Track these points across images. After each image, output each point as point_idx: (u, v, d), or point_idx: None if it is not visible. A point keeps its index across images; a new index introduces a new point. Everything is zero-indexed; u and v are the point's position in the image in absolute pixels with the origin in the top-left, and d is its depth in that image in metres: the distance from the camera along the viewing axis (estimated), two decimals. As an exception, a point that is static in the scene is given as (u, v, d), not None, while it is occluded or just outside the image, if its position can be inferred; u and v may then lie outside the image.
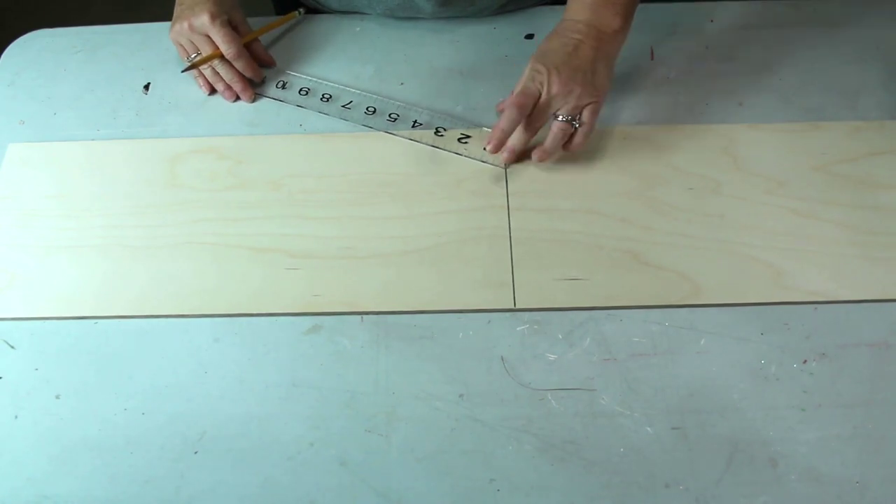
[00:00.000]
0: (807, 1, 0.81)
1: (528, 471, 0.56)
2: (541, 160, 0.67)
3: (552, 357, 0.60)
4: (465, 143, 0.71)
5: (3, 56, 0.80)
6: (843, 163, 0.70)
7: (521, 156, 0.69)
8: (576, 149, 0.67)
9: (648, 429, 0.57)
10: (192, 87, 0.76)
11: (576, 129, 0.66)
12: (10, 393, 0.60)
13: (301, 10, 0.81)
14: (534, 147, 0.68)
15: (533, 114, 0.65)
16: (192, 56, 0.74)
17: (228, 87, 0.75)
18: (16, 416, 0.59)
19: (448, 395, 0.59)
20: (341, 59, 0.79)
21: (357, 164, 0.70)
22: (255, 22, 0.79)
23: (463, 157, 0.70)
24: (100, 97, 0.76)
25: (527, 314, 0.62)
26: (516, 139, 0.67)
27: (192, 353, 0.61)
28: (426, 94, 0.75)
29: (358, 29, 0.81)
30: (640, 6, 0.69)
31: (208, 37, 0.73)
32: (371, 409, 0.58)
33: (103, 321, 0.63)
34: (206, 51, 0.73)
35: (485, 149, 0.67)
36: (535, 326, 0.62)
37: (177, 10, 0.75)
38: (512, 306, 0.62)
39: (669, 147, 0.71)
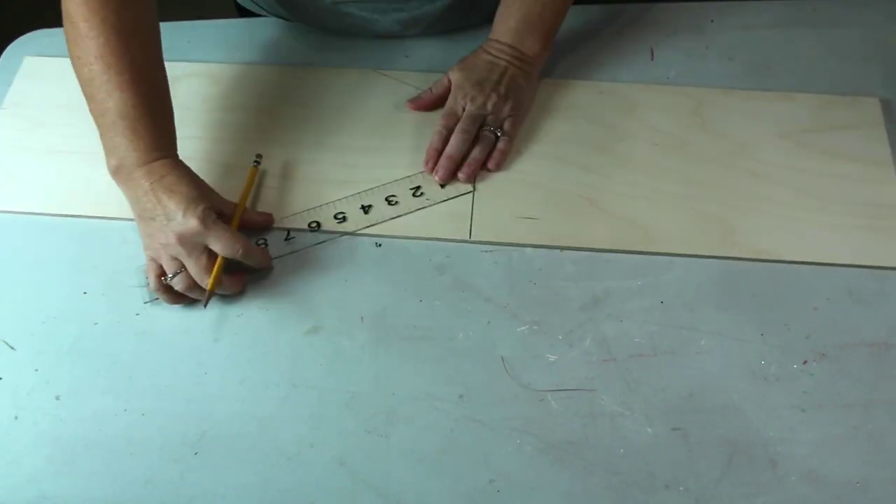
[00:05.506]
0: (807, 1, 0.81)
1: (528, 471, 0.56)
2: (468, 176, 0.68)
3: (552, 357, 0.60)
4: (420, 195, 0.68)
5: (2, 56, 0.79)
6: (809, 133, 0.71)
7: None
8: (499, 158, 0.69)
9: (648, 429, 0.57)
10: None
11: (498, 137, 0.69)
12: (10, 393, 0.60)
13: (257, 160, 0.69)
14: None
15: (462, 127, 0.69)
16: (171, 276, 0.60)
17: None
18: (16, 417, 0.59)
19: (448, 396, 0.59)
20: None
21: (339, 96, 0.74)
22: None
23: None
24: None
25: (526, 314, 0.62)
26: (454, 148, 0.68)
27: (192, 353, 0.61)
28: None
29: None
30: (640, 6, 0.69)
31: (205, 246, 0.60)
32: (371, 410, 0.58)
33: (103, 321, 0.63)
34: (198, 262, 0.59)
35: (437, 181, 0.68)
36: (535, 327, 0.62)
37: (145, 225, 0.61)
38: (467, 238, 0.65)
39: (642, 104, 0.73)
